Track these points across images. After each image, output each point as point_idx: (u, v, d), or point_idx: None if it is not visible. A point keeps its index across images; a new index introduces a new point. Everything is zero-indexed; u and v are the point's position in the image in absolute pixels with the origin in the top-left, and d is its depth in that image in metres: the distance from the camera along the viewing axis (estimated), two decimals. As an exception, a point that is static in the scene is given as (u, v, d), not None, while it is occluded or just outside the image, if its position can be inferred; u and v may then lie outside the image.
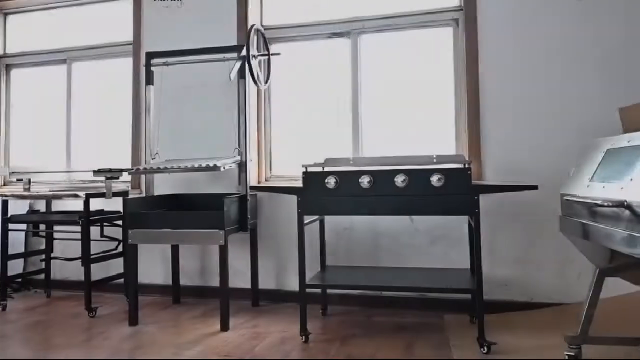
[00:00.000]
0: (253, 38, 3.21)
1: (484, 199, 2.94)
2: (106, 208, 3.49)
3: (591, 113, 2.91)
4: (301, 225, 2.57)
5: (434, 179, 2.39)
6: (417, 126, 3.37)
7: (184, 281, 3.53)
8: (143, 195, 3.53)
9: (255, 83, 3.24)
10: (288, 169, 3.57)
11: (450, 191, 2.39)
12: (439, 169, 2.42)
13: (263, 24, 3.63)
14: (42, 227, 3.63)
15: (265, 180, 3.62)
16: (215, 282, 3.38)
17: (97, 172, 3.24)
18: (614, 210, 1.67)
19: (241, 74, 3.16)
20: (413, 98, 3.38)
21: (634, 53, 2.89)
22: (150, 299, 3.48)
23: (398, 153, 3.34)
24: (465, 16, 3.16)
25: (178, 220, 2.88)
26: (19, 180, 3.67)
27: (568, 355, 2.01)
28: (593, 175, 1.97)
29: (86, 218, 3.10)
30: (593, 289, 1.98)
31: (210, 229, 2.81)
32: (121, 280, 3.36)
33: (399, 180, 2.43)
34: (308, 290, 2.60)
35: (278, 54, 3.46)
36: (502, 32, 3.08)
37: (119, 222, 3.36)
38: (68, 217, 3.24)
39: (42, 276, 3.69)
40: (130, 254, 2.99)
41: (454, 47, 3.30)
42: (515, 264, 3.00)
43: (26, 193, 3.37)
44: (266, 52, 3.42)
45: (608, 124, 2.83)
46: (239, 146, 3.19)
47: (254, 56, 3.21)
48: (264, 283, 3.40)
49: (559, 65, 2.99)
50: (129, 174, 3.46)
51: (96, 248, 3.21)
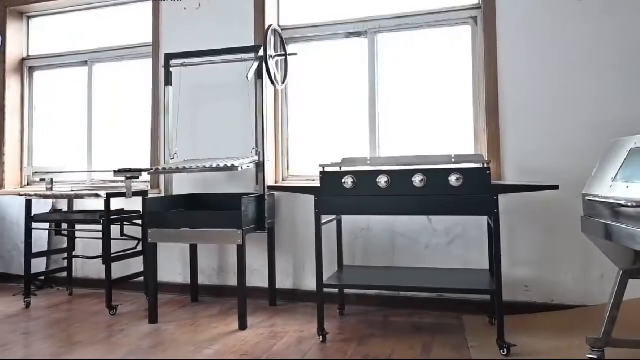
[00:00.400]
0: (270, 38, 3.22)
1: (503, 199, 2.92)
2: (126, 207, 3.55)
3: (611, 112, 2.86)
4: (319, 225, 2.58)
5: (453, 179, 2.37)
6: (435, 125, 3.35)
7: (202, 280, 3.57)
8: (162, 194, 3.57)
9: (272, 83, 3.26)
10: (305, 169, 3.59)
11: (469, 191, 2.37)
12: (458, 169, 2.40)
13: (280, 25, 3.64)
14: (64, 226, 3.70)
15: (282, 180, 3.64)
16: (233, 282, 3.42)
17: (118, 172, 3.29)
18: (638, 210, 1.64)
19: (258, 74, 3.19)
20: (430, 97, 3.36)
21: (658, 50, 2.83)
22: (169, 298, 3.53)
23: (416, 153, 3.33)
24: (483, 14, 3.13)
25: (196, 219, 2.91)
26: (42, 180, 3.75)
27: (591, 358, 1.98)
28: (616, 175, 1.93)
29: (107, 217, 3.14)
30: (616, 291, 1.95)
31: (228, 229, 2.83)
32: (141, 278, 3.41)
33: (417, 180, 2.42)
34: (325, 290, 2.61)
35: (295, 54, 3.47)
36: (522, 30, 3.04)
37: (139, 222, 3.41)
38: (89, 217, 3.29)
39: (65, 274, 3.76)
40: (149, 253, 3.03)
41: (472, 46, 3.27)
42: (535, 265, 2.96)
43: (49, 193, 3.44)
44: (283, 53, 3.44)
45: (629, 124, 2.80)
46: (257, 146, 3.21)
47: (271, 56, 3.22)
48: (282, 282, 3.42)
49: (579, 63, 2.93)
50: (149, 174, 3.51)
51: (116, 247, 3.26)
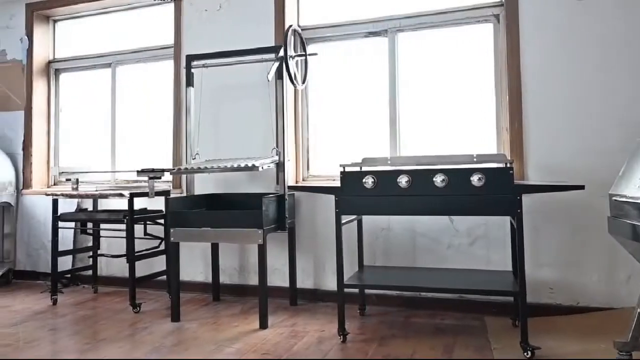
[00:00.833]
0: (290, 39, 3.23)
1: (526, 199, 2.88)
2: (149, 207, 3.61)
3: (637, 112, 2.79)
4: (339, 225, 2.57)
5: (475, 179, 2.35)
6: (456, 125, 3.31)
7: (223, 279, 3.60)
8: (184, 194, 3.62)
9: (292, 83, 3.27)
10: (325, 169, 3.59)
11: (491, 191, 2.34)
12: (480, 169, 2.37)
13: (300, 25, 3.65)
14: (89, 225, 3.78)
15: (303, 180, 3.64)
16: (254, 281, 3.45)
17: (141, 172, 3.35)
18: (668, 211, 1.60)
19: (279, 75, 3.20)
20: (452, 96, 3.33)
21: (689, 46, 2.75)
22: (190, 296, 3.57)
23: (437, 152, 3.30)
24: (506, 11, 3.08)
25: (218, 219, 2.94)
26: (68, 180, 3.84)
27: (618, 361, 1.94)
28: (644, 175, 1.89)
29: (131, 217, 3.20)
30: (644, 294, 1.90)
31: (249, 228, 2.85)
32: (163, 277, 3.46)
33: (438, 180, 2.40)
34: (346, 290, 2.61)
35: (315, 54, 3.47)
36: (545, 28, 2.98)
37: (162, 221, 3.46)
38: (114, 216, 3.35)
39: (90, 272, 3.84)
40: (172, 252, 3.07)
41: (495, 44, 3.22)
42: (559, 266, 2.91)
43: (74, 192, 3.52)
44: (303, 53, 3.44)
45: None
46: (277, 146, 3.22)
47: (292, 57, 3.24)
48: (302, 282, 3.43)
49: (604, 62, 2.87)
50: (171, 174, 3.56)
51: (140, 246, 3.31)
